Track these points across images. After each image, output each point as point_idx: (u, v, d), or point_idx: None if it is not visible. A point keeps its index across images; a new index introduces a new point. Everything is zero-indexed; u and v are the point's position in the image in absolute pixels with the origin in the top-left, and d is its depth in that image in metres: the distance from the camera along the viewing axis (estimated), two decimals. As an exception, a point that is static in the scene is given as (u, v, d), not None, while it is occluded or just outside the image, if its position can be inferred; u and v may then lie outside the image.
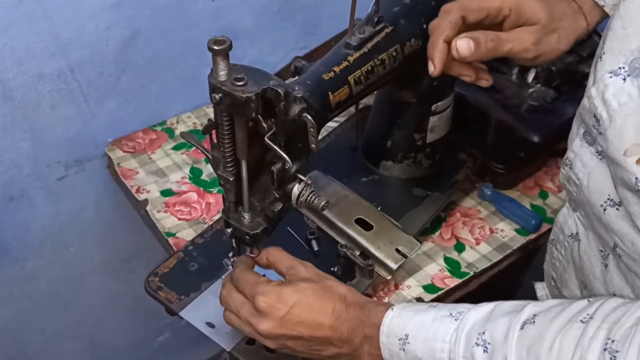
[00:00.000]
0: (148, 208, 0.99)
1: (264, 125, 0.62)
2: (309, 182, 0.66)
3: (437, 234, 0.96)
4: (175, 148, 1.10)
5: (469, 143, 1.03)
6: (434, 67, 0.71)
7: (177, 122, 1.16)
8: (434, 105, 0.90)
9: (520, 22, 0.71)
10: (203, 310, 0.77)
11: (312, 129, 0.62)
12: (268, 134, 0.63)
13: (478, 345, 0.56)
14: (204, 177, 1.05)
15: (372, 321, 0.65)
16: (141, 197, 1.01)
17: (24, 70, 0.95)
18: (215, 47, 0.57)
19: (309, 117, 0.62)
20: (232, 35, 1.15)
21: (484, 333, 0.56)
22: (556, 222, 0.71)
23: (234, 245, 0.74)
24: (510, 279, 1.05)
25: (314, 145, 0.64)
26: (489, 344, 0.56)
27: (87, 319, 1.31)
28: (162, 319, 1.46)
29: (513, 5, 0.70)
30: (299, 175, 0.66)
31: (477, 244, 0.96)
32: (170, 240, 0.94)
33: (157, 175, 1.05)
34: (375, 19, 0.74)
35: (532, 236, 0.97)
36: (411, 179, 0.96)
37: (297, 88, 0.66)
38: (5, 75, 0.94)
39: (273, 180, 0.65)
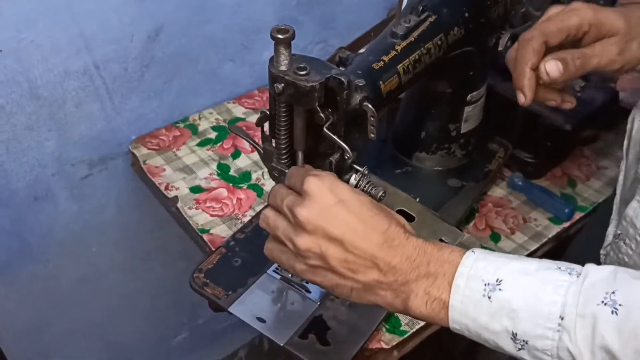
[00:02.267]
0: (179, 205, 0.98)
1: (322, 115, 0.62)
2: (366, 172, 0.66)
3: (471, 224, 0.96)
4: (200, 144, 1.09)
5: (498, 133, 1.03)
6: (525, 97, 0.70)
7: (200, 118, 1.14)
8: (469, 95, 0.90)
9: (600, 36, 0.69)
10: (252, 306, 0.76)
11: (372, 118, 0.62)
12: (326, 124, 0.62)
13: (605, 304, 0.49)
14: (232, 172, 1.04)
15: (444, 257, 0.55)
16: (171, 194, 1.00)
17: (50, 67, 0.93)
18: (279, 36, 0.56)
19: (370, 106, 0.61)
20: (252, 29, 1.16)
21: (613, 293, 0.49)
22: (624, 216, 0.70)
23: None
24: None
25: (373, 135, 0.63)
26: (620, 305, 0.48)
27: (105, 318, 1.30)
28: (180, 318, 1.45)
29: (592, 20, 0.68)
30: (355, 166, 0.65)
31: (512, 233, 0.96)
32: (205, 236, 0.93)
33: (185, 172, 1.03)
34: (420, 8, 0.74)
35: (566, 224, 0.98)
36: (445, 170, 0.96)
37: (351, 77, 0.65)
38: (32, 73, 0.92)
39: (331, 170, 0.64)
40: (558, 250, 0.97)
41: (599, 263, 0.77)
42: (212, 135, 1.11)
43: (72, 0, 0.91)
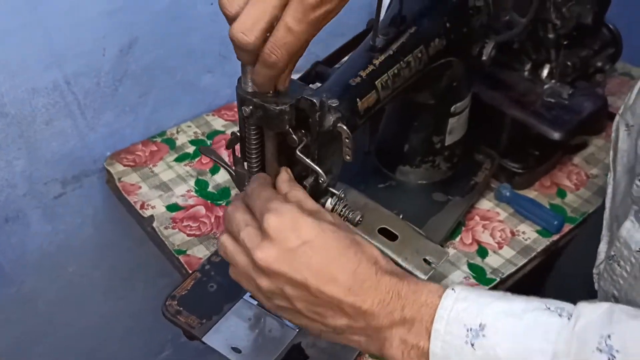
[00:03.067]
0: (155, 224, 0.94)
1: (295, 137, 0.58)
2: (342, 195, 0.62)
3: (457, 239, 0.93)
4: (178, 160, 1.05)
5: (483, 143, 1.00)
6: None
7: (177, 132, 1.11)
8: (453, 107, 0.87)
9: None
10: (228, 334, 0.73)
11: (347, 140, 0.59)
12: (299, 147, 0.58)
13: (601, 351, 0.44)
14: (210, 189, 1.00)
15: (420, 300, 0.50)
16: (146, 213, 0.96)
17: (18, 84, 0.89)
18: (245, 56, 0.53)
19: (345, 128, 0.58)
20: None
21: (609, 337, 0.45)
22: (618, 238, 0.66)
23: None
24: (532, 285, 1.02)
25: (348, 157, 0.60)
26: (617, 351, 0.44)
27: (88, 339, 1.26)
28: (163, 335, 1.41)
29: None
30: (331, 189, 0.62)
31: (500, 247, 0.93)
32: (182, 258, 0.89)
33: (161, 189, 1.00)
34: (399, 19, 0.71)
35: (555, 237, 0.94)
36: (430, 184, 0.93)
37: (324, 95, 0.61)
38: (-3, 90, 0.88)
39: (305, 195, 0.61)
40: (548, 263, 0.94)
41: (591, 282, 0.74)
42: (190, 149, 1.07)
43: (43, 15, 0.87)
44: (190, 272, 0.84)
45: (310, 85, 0.75)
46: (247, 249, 0.53)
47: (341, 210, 0.63)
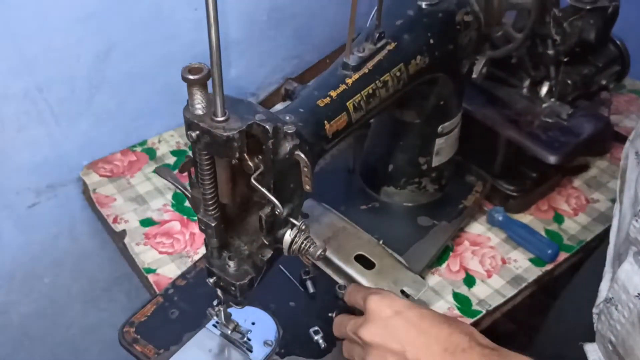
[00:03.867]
0: (126, 240, 0.90)
1: (250, 164, 0.53)
2: (303, 227, 0.57)
3: (444, 265, 0.88)
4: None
5: (475, 163, 0.94)
6: None
7: (159, 141, 1.07)
8: (440, 127, 0.81)
9: None
10: (185, 367, 0.68)
11: (305, 169, 0.54)
12: (255, 175, 0.54)
13: None
14: (187, 203, 0.95)
15: None
16: (119, 227, 0.92)
17: (-15, 90, 0.86)
18: (190, 77, 0.48)
19: (302, 156, 0.53)
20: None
21: None
22: (616, 279, 0.61)
23: (218, 293, 0.65)
24: (529, 317, 0.96)
25: (308, 187, 0.55)
26: None
27: (66, 351, 1.22)
28: (148, 347, 1.37)
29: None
30: (292, 220, 0.57)
31: (489, 276, 0.87)
32: (150, 277, 0.85)
33: (137, 202, 0.96)
34: (377, 35, 0.65)
35: (549, 267, 0.89)
36: (415, 207, 0.87)
37: (287, 118, 0.57)
38: (-37, 97, 0.84)
39: (261, 226, 0.56)
40: (542, 293, 0.89)
41: (591, 322, 0.68)
42: (171, 160, 1.03)
43: (11, 20, 0.83)
44: (157, 293, 0.80)
45: (278, 105, 0.71)
46: (355, 335, 0.59)
47: (302, 243, 0.58)
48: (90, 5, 0.88)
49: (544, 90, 0.94)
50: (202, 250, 0.88)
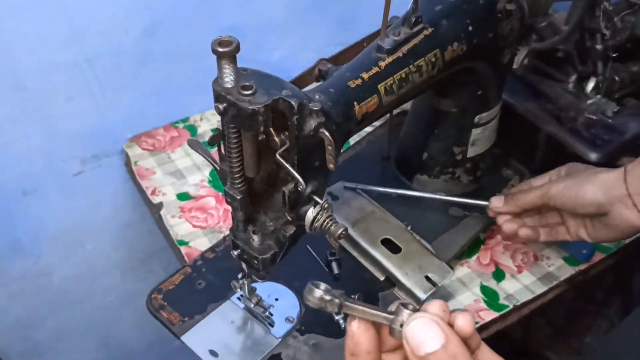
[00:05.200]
0: (162, 212, 0.93)
1: (276, 139, 0.54)
2: (326, 205, 0.58)
3: (474, 258, 0.87)
4: (196, 147, 1.03)
5: (514, 157, 0.93)
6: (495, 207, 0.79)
7: (201, 119, 1.09)
8: (477, 117, 0.80)
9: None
10: (207, 336, 0.70)
11: (329, 147, 0.54)
12: (280, 150, 0.54)
13: None
14: (223, 180, 0.97)
15: None
16: (156, 199, 0.94)
17: (37, 59, 0.89)
18: (220, 49, 0.49)
19: (327, 134, 0.53)
20: (261, 28, 1.09)
21: None
22: None
23: (243, 267, 0.66)
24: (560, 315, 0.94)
25: (332, 165, 0.55)
26: None
27: (101, 317, 1.26)
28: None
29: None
30: (315, 197, 0.58)
31: (519, 272, 0.86)
32: (183, 249, 0.87)
33: (175, 177, 0.98)
34: (413, 19, 0.65)
35: (583, 266, 0.87)
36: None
37: (316, 97, 0.57)
38: (15, 64, 0.88)
39: (284, 201, 0.57)
40: (578, 292, 0.87)
41: None
42: (211, 138, 1.05)
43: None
44: (185, 264, 0.82)
45: (314, 84, 0.71)
46: None
47: (324, 221, 0.58)
48: (139, -20, 0.90)
49: (590, 86, 0.92)
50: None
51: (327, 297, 0.43)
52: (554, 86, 0.94)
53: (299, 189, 0.55)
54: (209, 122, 1.08)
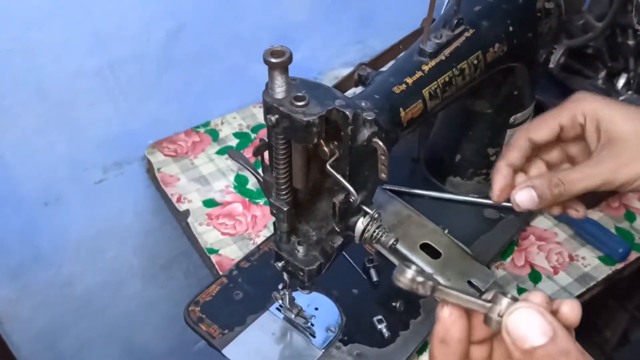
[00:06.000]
0: (189, 220, 0.91)
1: (326, 150, 0.53)
2: (376, 215, 0.57)
3: (508, 259, 0.86)
4: (220, 152, 1.02)
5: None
6: (494, 195, 0.60)
7: (222, 123, 1.07)
8: (512, 117, 0.79)
9: (600, 136, 0.57)
10: (249, 348, 0.69)
11: (383, 157, 0.53)
12: (330, 161, 0.53)
13: None
14: (249, 186, 0.96)
15: None
16: (182, 207, 0.93)
17: (61, 67, 0.88)
18: (273, 60, 0.48)
19: (380, 144, 0.52)
20: (284, 28, 1.07)
21: None
22: None
23: (285, 277, 0.65)
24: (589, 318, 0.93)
25: (384, 175, 0.54)
26: None
27: (124, 324, 1.25)
28: (202, 324, 1.40)
29: (591, 114, 0.58)
30: (364, 208, 0.56)
31: (555, 273, 0.85)
32: (213, 257, 0.86)
33: (200, 183, 0.97)
34: (455, 21, 0.64)
35: (619, 266, 0.86)
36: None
37: (364, 104, 0.56)
38: (40, 72, 0.86)
39: (334, 213, 0.56)
40: (606, 296, 0.86)
41: None
42: (234, 142, 1.04)
43: (86, -2, 0.85)
44: (220, 274, 0.81)
45: (353, 89, 0.70)
46: None
47: (374, 232, 0.57)
48: (163, -16, 0.89)
49: (621, 82, 0.91)
50: (264, 233, 0.89)
51: (420, 279, 0.40)
52: (583, 83, 0.93)
53: (351, 199, 0.54)
54: (230, 126, 1.07)
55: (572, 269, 0.85)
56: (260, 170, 0.61)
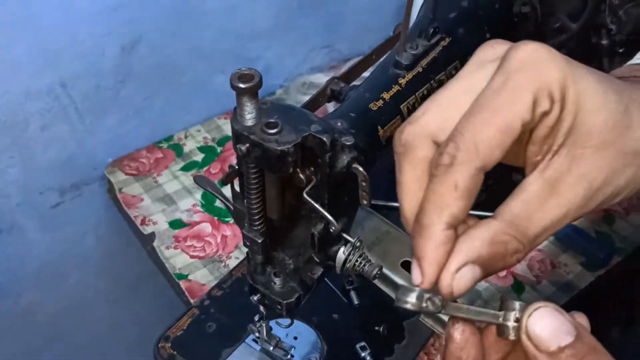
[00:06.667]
0: (155, 244, 0.86)
1: (302, 177, 0.49)
2: (358, 243, 0.53)
3: (490, 270, 0.83)
4: (184, 169, 0.97)
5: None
6: (425, 281, 0.36)
7: (185, 137, 1.02)
8: (490, 125, 0.76)
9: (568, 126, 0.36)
10: (225, 386, 0.64)
11: (364, 183, 0.49)
12: (307, 189, 0.49)
13: None
14: (218, 203, 0.92)
15: None
16: (147, 229, 0.88)
17: (9, 88, 0.82)
18: (241, 85, 0.43)
19: (360, 169, 0.48)
20: (247, 36, 1.03)
21: None
22: None
23: (262, 309, 0.61)
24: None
25: (365, 202, 0.50)
26: None
27: (93, 350, 1.19)
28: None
29: (554, 89, 0.35)
30: (345, 236, 0.52)
31: (538, 282, 0.82)
32: (182, 284, 0.81)
33: (165, 203, 0.92)
34: (431, 30, 0.60)
35: (601, 271, 0.84)
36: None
37: (340, 124, 0.52)
38: (-15, 95, 0.80)
39: (313, 243, 0.52)
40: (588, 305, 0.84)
41: None
42: (199, 157, 0.99)
43: (34, 13, 0.79)
44: (190, 302, 0.76)
45: (326, 105, 0.66)
46: None
47: (356, 261, 0.53)
48: (117, -5, 0.83)
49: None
50: (235, 255, 0.85)
51: (427, 295, 0.36)
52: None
53: (331, 230, 0.50)
54: (194, 140, 1.02)
55: (554, 277, 0.83)
56: (230, 197, 0.56)
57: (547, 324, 0.34)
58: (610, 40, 0.84)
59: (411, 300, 0.37)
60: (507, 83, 0.35)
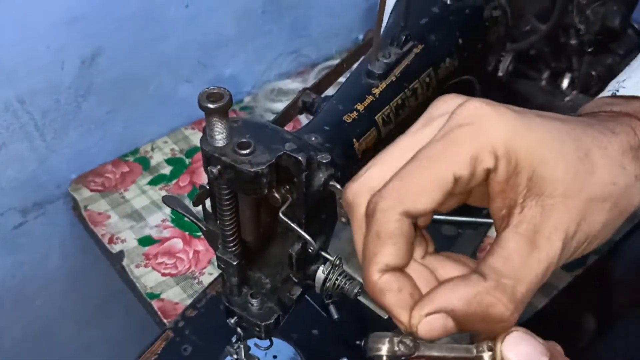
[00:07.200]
0: (124, 262, 0.83)
1: (277, 196, 0.47)
2: (337, 261, 0.51)
3: (469, 275, 0.82)
4: (152, 182, 0.94)
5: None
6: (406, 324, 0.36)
7: (152, 149, 0.99)
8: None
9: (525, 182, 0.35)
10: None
11: (341, 200, 0.47)
12: (283, 208, 0.47)
13: None
14: (189, 218, 0.89)
15: None
16: (115, 248, 0.85)
17: (-39, 107, 0.78)
18: (210, 106, 0.41)
19: (338, 187, 0.46)
20: (211, 45, 1.00)
21: None
22: None
23: (238, 330, 0.59)
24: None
25: (344, 220, 0.48)
26: None
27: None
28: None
29: (499, 147, 0.34)
30: (324, 254, 0.51)
31: (517, 286, 0.81)
32: (155, 303, 0.79)
33: (133, 219, 0.88)
34: (403, 37, 0.59)
35: (579, 271, 0.83)
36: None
37: (314, 139, 0.50)
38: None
39: (291, 263, 0.50)
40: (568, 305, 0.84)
41: None
42: (167, 170, 0.96)
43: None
44: (164, 323, 0.73)
45: (299, 116, 0.64)
46: None
47: (336, 279, 0.51)
48: (74, 8, 0.80)
49: (565, 82, 0.88)
50: (209, 270, 0.82)
51: (397, 339, 0.36)
52: (526, 85, 0.90)
53: (310, 250, 0.48)
54: (161, 152, 0.99)
55: (533, 280, 0.82)
56: (202, 217, 0.54)
57: (521, 350, 0.34)
58: (579, 40, 0.85)
59: (384, 347, 0.37)
60: (446, 137, 0.35)
